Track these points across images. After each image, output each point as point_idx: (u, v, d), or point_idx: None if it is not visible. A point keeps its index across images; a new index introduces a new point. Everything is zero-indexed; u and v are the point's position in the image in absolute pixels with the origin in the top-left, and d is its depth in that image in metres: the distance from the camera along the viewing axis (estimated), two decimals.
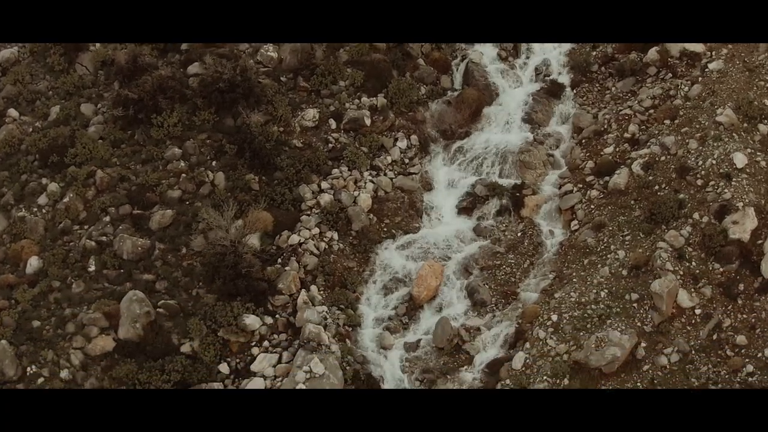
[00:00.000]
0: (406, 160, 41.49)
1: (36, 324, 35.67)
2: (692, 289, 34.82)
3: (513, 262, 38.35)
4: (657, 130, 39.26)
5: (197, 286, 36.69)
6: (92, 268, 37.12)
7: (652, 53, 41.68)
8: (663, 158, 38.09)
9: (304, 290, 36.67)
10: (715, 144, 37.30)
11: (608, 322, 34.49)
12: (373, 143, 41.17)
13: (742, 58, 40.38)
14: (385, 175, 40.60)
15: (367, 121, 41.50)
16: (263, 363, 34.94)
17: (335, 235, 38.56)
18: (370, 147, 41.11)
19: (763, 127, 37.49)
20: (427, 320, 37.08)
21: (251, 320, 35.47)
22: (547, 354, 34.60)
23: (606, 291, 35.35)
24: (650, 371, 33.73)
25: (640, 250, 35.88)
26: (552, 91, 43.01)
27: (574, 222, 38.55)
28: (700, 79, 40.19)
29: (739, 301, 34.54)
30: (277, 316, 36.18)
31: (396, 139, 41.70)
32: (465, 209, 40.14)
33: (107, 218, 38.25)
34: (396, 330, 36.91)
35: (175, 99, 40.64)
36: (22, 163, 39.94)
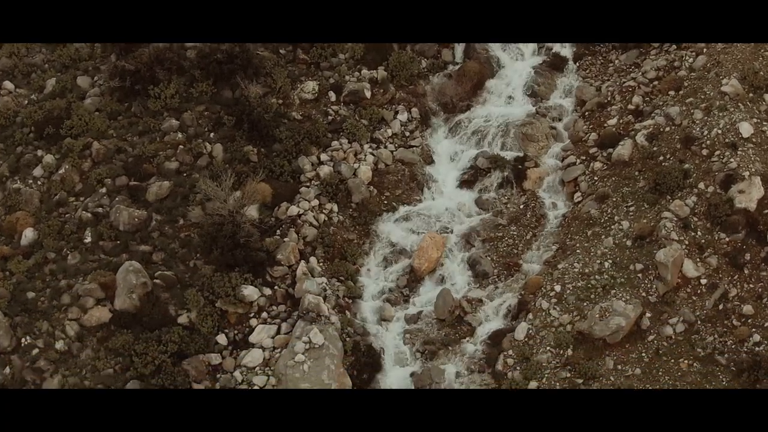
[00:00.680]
0: (407, 133, 40.93)
1: (31, 295, 35.09)
2: (698, 259, 34.29)
3: (515, 234, 37.80)
4: (661, 102, 38.72)
5: (195, 257, 36.11)
6: (88, 240, 36.55)
7: None
8: (667, 129, 37.54)
9: (303, 261, 36.09)
10: (721, 114, 36.75)
11: (612, 293, 33.97)
12: (374, 116, 40.63)
13: None
14: (385, 147, 40.04)
15: (368, 94, 40.97)
16: (262, 334, 34.36)
17: (335, 207, 37.99)
18: (370, 120, 40.58)
19: None
20: (428, 292, 36.52)
21: (249, 291, 34.88)
22: (550, 325, 34.06)
23: (610, 261, 34.82)
24: (655, 341, 33.22)
25: (645, 221, 35.33)
26: (554, 64, 42.46)
27: (577, 194, 38.00)
28: (705, 50, 39.61)
29: (746, 271, 34.04)
30: (275, 287, 35.60)
31: (396, 112, 41.15)
32: (466, 182, 39.60)
33: (103, 190, 37.67)
34: (396, 302, 36.36)
35: (172, 70, 40.09)
36: (17, 135, 39.35)
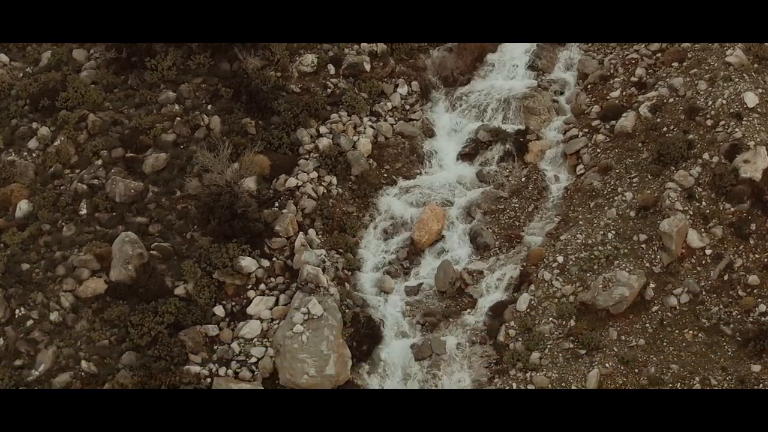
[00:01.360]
0: (407, 107, 40.40)
1: (25, 267, 34.54)
2: (702, 230, 33.78)
3: (517, 206, 37.28)
4: (665, 73, 38.17)
5: (192, 229, 35.58)
6: (83, 212, 36.01)
7: None
8: (671, 100, 37.02)
9: (301, 233, 35.52)
10: (725, 84, 36.24)
11: (616, 263, 33.46)
12: (373, 89, 40.07)
13: None
14: (385, 120, 39.51)
15: (367, 67, 40.44)
16: (260, 306, 33.84)
17: (334, 180, 37.45)
18: (369, 93, 40.01)
19: None
20: (428, 265, 35.99)
21: (247, 262, 34.35)
22: (552, 295, 33.54)
23: (613, 232, 34.31)
24: (659, 312, 32.75)
25: (649, 192, 34.82)
26: None
27: (580, 166, 37.46)
28: None
29: (751, 241, 33.53)
30: (274, 259, 35.05)
31: (396, 86, 40.61)
32: (467, 155, 39.06)
33: (99, 162, 37.12)
34: (396, 274, 35.83)
35: (169, 43, 39.50)
36: (12, 108, 38.79)
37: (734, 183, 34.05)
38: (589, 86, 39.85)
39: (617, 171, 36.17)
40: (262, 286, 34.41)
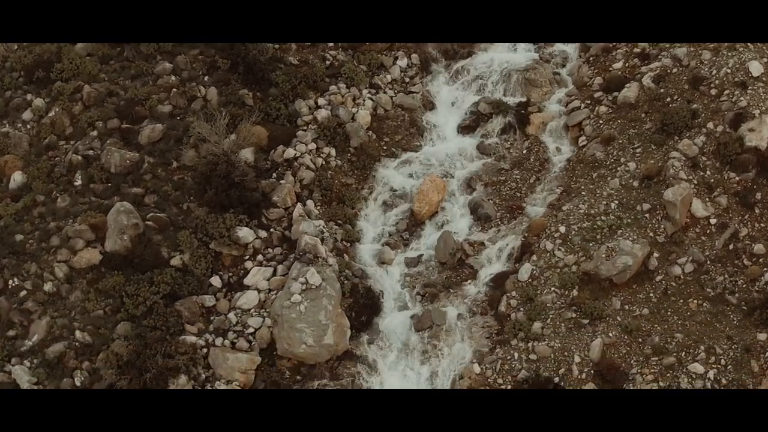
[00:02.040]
0: (407, 79, 39.91)
1: (19, 238, 34.02)
2: (707, 199, 33.27)
3: (518, 177, 36.75)
4: (668, 44, 37.63)
5: (188, 200, 35.04)
6: (78, 183, 35.47)
7: None
8: (675, 70, 36.52)
9: (300, 204, 35.00)
10: (730, 54, 35.73)
11: (619, 233, 32.96)
12: (372, 61, 39.57)
13: None
14: (384, 93, 39.00)
15: None
16: (257, 276, 33.29)
17: (333, 152, 36.92)
18: (369, 65, 39.52)
19: None
20: (428, 236, 35.48)
21: (244, 233, 33.81)
22: (554, 265, 33.02)
23: (616, 202, 33.79)
24: (663, 282, 32.22)
25: (652, 161, 34.30)
26: None
27: (582, 138, 36.93)
28: None
29: (756, 210, 33.02)
30: (271, 229, 34.51)
31: (396, 58, 40.12)
32: (468, 127, 38.53)
33: (94, 133, 36.57)
34: (396, 246, 35.30)
35: None
36: (6, 80, 38.23)
37: (739, 152, 33.54)
38: (591, 58, 39.37)
39: (620, 141, 35.64)
40: (260, 257, 33.88)
